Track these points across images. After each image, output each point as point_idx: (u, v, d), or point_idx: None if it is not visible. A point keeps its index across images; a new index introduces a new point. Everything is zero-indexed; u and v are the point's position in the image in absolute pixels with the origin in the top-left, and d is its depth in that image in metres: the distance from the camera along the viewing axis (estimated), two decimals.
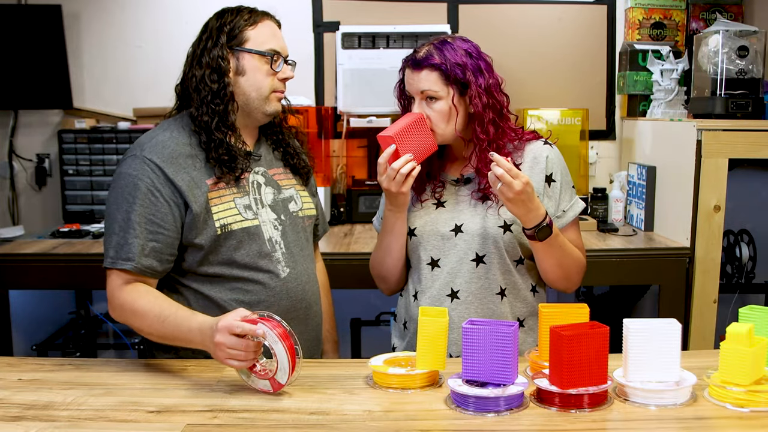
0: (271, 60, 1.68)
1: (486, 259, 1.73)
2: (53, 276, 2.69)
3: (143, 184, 1.59)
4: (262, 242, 1.70)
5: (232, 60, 1.67)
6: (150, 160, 1.61)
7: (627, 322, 1.38)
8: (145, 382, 1.52)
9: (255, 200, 1.72)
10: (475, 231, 1.73)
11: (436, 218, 1.77)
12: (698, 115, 2.83)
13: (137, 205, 1.59)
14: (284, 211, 1.77)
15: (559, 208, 1.77)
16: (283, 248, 1.73)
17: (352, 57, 3.15)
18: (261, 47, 1.67)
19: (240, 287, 1.68)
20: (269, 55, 1.68)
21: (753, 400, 1.30)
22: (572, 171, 3.30)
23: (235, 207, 1.68)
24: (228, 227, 1.65)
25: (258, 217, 1.70)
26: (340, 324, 3.45)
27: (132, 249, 1.58)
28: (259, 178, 1.75)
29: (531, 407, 1.35)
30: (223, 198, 1.67)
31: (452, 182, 1.80)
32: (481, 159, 1.71)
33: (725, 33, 2.72)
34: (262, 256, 1.69)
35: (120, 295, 1.59)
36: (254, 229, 1.69)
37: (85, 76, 3.40)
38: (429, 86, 1.68)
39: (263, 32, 1.68)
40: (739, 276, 3.13)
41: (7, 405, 1.39)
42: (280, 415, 1.34)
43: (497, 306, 1.75)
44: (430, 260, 1.77)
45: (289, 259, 1.74)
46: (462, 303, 1.74)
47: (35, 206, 3.47)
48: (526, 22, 3.43)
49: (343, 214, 3.26)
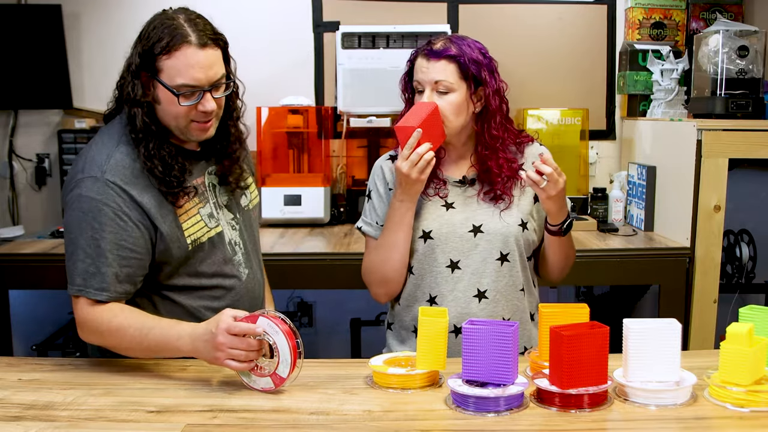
0: (178, 97, 1.52)
1: (510, 257, 1.75)
2: (53, 276, 2.69)
3: (109, 209, 1.52)
4: (225, 248, 1.69)
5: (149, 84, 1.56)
6: (113, 183, 1.53)
7: (627, 322, 1.38)
8: (145, 382, 1.52)
9: (214, 205, 1.69)
10: (497, 230, 1.74)
11: (451, 220, 1.76)
12: (698, 115, 2.83)
13: (106, 232, 1.51)
14: (237, 207, 1.75)
15: None
16: (242, 248, 1.74)
17: (352, 57, 3.14)
18: (171, 81, 1.52)
19: (208, 294, 1.68)
20: (176, 93, 1.52)
21: (753, 400, 1.30)
22: (572, 171, 3.33)
23: (201, 219, 1.65)
24: (198, 241, 1.64)
25: (219, 222, 1.69)
26: (340, 324, 3.48)
27: (105, 279, 1.52)
28: (213, 178, 1.71)
29: (531, 407, 1.35)
30: (189, 212, 1.63)
31: (455, 183, 1.80)
32: (490, 158, 1.73)
33: (725, 33, 2.72)
34: (225, 261, 1.69)
35: (93, 317, 1.53)
36: (217, 236, 1.68)
37: (85, 76, 3.40)
38: (445, 77, 1.69)
39: (176, 64, 1.51)
40: (739, 276, 3.13)
41: (7, 405, 1.39)
42: (280, 415, 1.34)
43: (521, 302, 1.79)
44: (449, 262, 1.75)
45: (246, 259, 1.75)
46: (490, 302, 1.75)
47: (35, 206, 3.47)
48: (526, 22, 3.43)
49: (343, 214, 3.26)
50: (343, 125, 3.25)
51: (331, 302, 3.51)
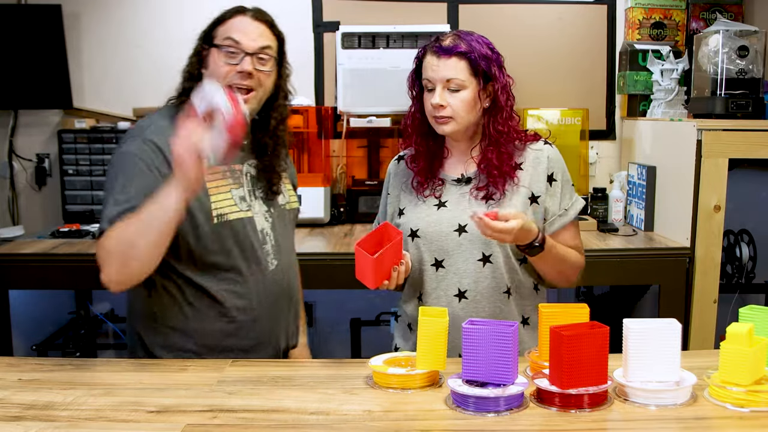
0: (221, 49, 1.66)
1: (492, 258, 1.74)
2: (53, 276, 2.69)
3: (143, 162, 1.61)
4: (256, 234, 1.73)
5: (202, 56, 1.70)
6: (150, 140, 1.63)
7: (627, 322, 1.38)
8: (145, 382, 1.52)
9: (249, 192, 1.75)
10: (479, 231, 1.73)
11: (439, 219, 1.77)
12: (698, 115, 2.83)
13: (136, 181, 1.60)
14: (273, 203, 1.81)
15: (561, 206, 1.78)
16: (272, 240, 1.77)
17: (352, 57, 3.14)
18: (218, 40, 1.67)
19: (231, 278, 1.70)
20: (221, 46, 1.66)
21: (753, 400, 1.30)
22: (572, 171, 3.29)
23: (232, 198, 1.71)
24: (224, 217, 1.68)
25: (251, 209, 1.74)
26: (340, 324, 3.48)
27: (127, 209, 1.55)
28: (252, 170, 1.78)
29: (531, 407, 1.35)
30: (220, 189, 1.69)
31: (453, 182, 1.80)
32: (492, 151, 1.73)
33: (725, 33, 2.72)
34: (254, 247, 1.72)
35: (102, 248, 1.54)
36: (248, 220, 1.72)
37: (85, 76, 3.40)
38: (456, 75, 1.69)
39: (227, 27, 1.68)
40: (739, 276, 3.13)
41: (7, 405, 1.39)
42: (280, 415, 1.34)
43: (504, 305, 1.76)
44: (434, 261, 1.76)
45: (276, 251, 1.78)
46: (470, 303, 1.74)
47: (35, 206, 3.47)
48: (526, 22, 3.43)
49: (343, 213, 3.26)
50: (343, 125, 3.25)
51: (331, 302, 3.51)
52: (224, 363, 1.64)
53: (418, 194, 1.80)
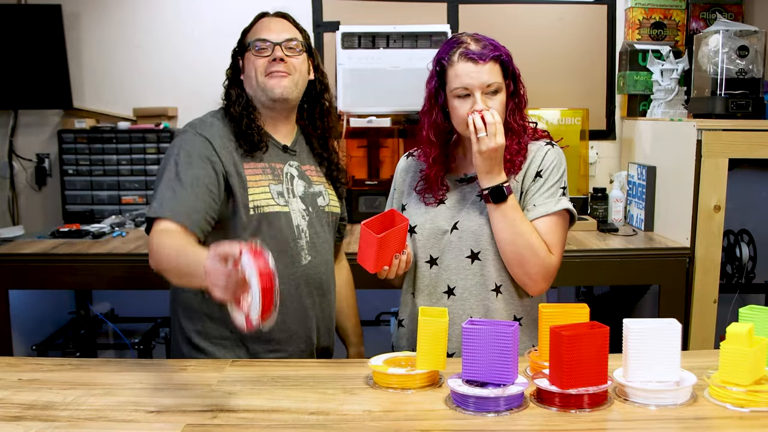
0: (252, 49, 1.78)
1: (481, 255, 1.73)
2: (53, 276, 2.69)
3: (195, 152, 1.72)
4: (290, 228, 1.79)
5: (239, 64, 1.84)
6: (201, 134, 1.75)
7: (627, 322, 1.38)
8: (145, 382, 1.52)
9: (287, 189, 1.83)
10: (469, 228, 1.73)
11: (436, 216, 1.77)
12: (698, 115, 2.83)
13: (187, 169, 1.69)
14: (312, 204, 1.87)
15: (531, 201, 1.74)
16: (307, 237, 1.83)
17: (352, 57, 3.15)
18: (247, 42, 1.81)
19: None
20: (251, 45, 1.79)
21: (753, 400, 1.30)
22: (572, 171, 3.32)
23: (269, 192, 1.78)
24: (260, 209, 1.75)
25: (288, 205, 1.81)
26: None
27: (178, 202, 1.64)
28: (293, 170, 1.86)
29: (531, 407, 1.35)
30: (259, 183, 1.78)
31: (456, 181, 1.80)
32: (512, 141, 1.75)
33: (725, 33, 2.72)
34: (288, 240, 1.78)
35: (154, 240, 1.61)
36: (284, 214, 1.79)
37: (85, 76, 3.40)
38: (494, 78, 1.69)
39: (255, 30, 1.82)
40: (739, 276, 3.13)
41: (7, 405, 1.39)
42: (280, 415, 1.34)
43: (492, 302, 1.74)
44: (428, 258, 1.78)
45: (311, 248, 1.83)
46: (458, 299, 1.75)
47: (35, 206, 3.47)
48: (526, 22, 3.43)
49: None
50: (343, 125, 3.25)
51: None
52: (224, 363, 1.64)
53: (422, 199, 1.81)
